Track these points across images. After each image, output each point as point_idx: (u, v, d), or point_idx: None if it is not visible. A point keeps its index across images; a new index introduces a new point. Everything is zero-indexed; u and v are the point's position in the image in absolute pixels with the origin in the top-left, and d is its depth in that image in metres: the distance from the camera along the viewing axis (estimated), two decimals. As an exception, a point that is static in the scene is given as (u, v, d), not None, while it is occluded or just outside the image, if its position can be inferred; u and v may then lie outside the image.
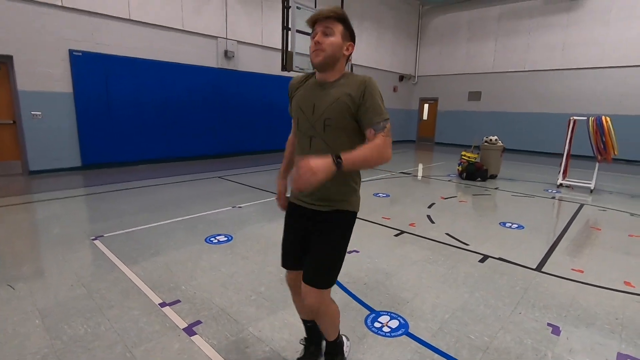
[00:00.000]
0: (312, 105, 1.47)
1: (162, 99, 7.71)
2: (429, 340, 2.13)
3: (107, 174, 6.62)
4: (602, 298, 2.72)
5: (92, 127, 6.78)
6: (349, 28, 1.45)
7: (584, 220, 4.85)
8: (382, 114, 1.38)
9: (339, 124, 1.42)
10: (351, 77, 1.46)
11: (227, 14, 8.73)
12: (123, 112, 7.15)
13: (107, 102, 6.90)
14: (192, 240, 3.54)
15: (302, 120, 1.50)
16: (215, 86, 8.66)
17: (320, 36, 1.41)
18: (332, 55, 1.41)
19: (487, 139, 7.60)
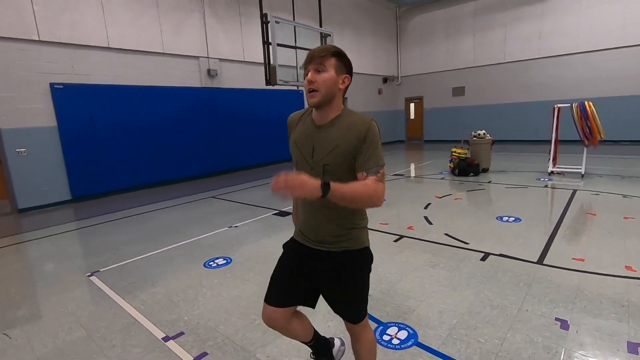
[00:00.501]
0: (312, 148, 1.41)
1: (148, 123, 7.66)
2: (439, 348, 2.11)
3: (98, 205, 6.52)
4: (606, 286, 2.72)
5: (79, 159, 6.70)
6: (343, 60, 1.38)
7: (578, 207, 4.90)
8: (378, 162, 1.33)
9: (339, 170, 1.37)
10: (351, 116, 1.39)
11: (206, 33, 8.74)
12: (109, 141, 7.08)
13: (92, 132, 6.83)
14: (190, 267, 3.49)
15: (302, 163, 1.45)
16: (201, 106, 8.64)
17: (312, 74, 1.35)
18: (327, 94, 1.35)
19: (476, 134, 7.66)
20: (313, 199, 1.15)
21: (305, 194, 1.13)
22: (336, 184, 1.18)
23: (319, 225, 1.46)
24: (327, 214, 1.43)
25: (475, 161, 7.37)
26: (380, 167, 1.32)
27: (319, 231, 1.46)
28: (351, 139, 1.33)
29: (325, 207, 1.41)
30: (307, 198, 1.35)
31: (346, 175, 1.36)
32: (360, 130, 1.33)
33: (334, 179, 1.29)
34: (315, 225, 1.47)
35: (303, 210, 1.53)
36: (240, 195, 6.75)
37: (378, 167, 1.32)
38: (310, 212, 1.48)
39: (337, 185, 1.17)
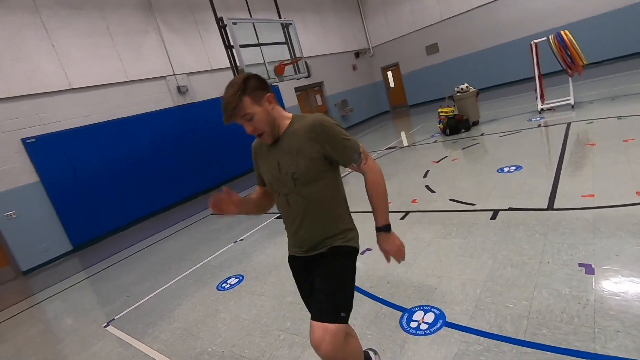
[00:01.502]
0: (277, 164, 1.42)
1: (130, 155, 7.49)
2: (469, 324, 2.05)
3: (100, 249, 6.43)
4: (622, 218, 2.66)
5: (71, 208, 6.56)
6: (253, 89, 1.31)
7: (576, 140, 4.81)
8: (352, 146, 1.39)
9: (307, 176, 1.37)
10: (301, 120, 1.40)
11: (167, 51, 8.48)
12: (95, 182, 6.93)
13: (76, 177, 6.67)
14: (204, 293, 3.42)
15: (274, 182, 1.46)
16: (179, 125, 8.44)
17: (246, 126, 1.35)
18: (272, 126, 1.37)
19: (459, 89, 7.52)
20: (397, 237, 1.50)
21: (398, 241, 1.49)
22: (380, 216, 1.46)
23: (309, 233, 1.46)
24: (313, 221, 1.43)
25: (463, 116, 7.25)
26: (359, 149, 1.39)
27: (309, 239, 1.46)
28: (310, 142, 1.35)
29: (309, 214, 1.42)
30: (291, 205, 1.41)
31: (316, 178, 1.38)
32: (314, 130, 1.34)
33: (304, 185, 1.37)
34: (305, 234, 1.47)
35: (289, 221, 1.50)
36: (239, 205, 6.65)
37: (357, 152, 1.39)
38: (295, 221, 1.47)
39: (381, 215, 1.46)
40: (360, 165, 1.40)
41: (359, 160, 1.39)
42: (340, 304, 1.36)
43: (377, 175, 1.42)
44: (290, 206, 1.43)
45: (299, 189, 1.38)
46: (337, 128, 1.37)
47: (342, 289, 1.40)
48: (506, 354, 1.78)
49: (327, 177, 1.41)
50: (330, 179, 1.43)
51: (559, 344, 1.76)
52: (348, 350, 1.39)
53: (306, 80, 10.87)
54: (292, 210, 1.43)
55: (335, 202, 1.46)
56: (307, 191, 1.38)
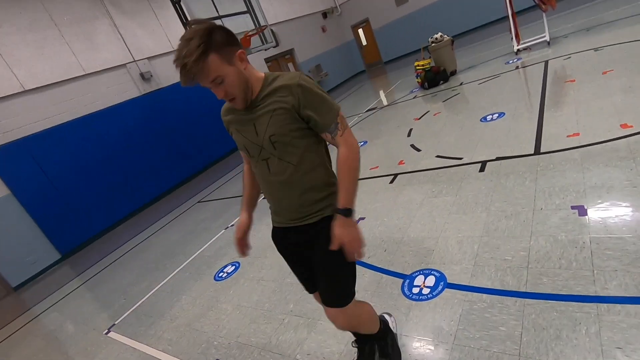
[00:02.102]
0: (253, 127, 1.26)
1: (103, 152, 7.14)
2: (470, 282, 2.04)
3: (90, 253, 6.28)
4: (609, 154, 2.64)
5: (51, 215, 6.32)
6: (220, 45, 1.09)
7: (555, 78, 4.74)
8: (331, 111, 1.22)
9: (287, 137, 1.23)
10: (276, 80, 1.22)
11: (122, 36, 7.90)
12: (72, 185, 6.64)
13: (50, 183, 6.38)
14: (202, 286, 3.36)
15: (250, 146, 1.30)
16: (149, 113, 8.05)
17: (215, 90, 1.15)
18: (244, 89, 1.19)
19: (433, 39, 7.27)
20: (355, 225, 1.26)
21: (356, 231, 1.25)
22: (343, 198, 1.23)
23: (290, 203, 1.34)
24: (293, 190, 1.31)
25: (441, 67, 7.07)
26: (337, 118, 1.23)
27: (292, 208, 1.35)
28: (287, 100, 1.18)
29: (288, 184, 1.30)
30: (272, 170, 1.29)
31: (297, 138, 1.24)
32: (291, 89, 1.18)
33: (285, 147, 1.24)
34: (287, 204, 1.36)
35: (269, 192, 1.40)
36: (225, 189, 6.52)
37: (335, 120, 1.23)
38: (276, 192, 1.36)
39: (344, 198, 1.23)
40: (335, 137, 1.24)
41: (334, 131, 1.23)
42: (347, 285, 1.37)
43: (352, 151, 1.24)
44: (270, 171, 1.29)
45: (280, 152, 1.24)
46: (315, 89, 1.20)
47: (346, 268, 1.35)
48: (510, 308, 1.78)
49: (309, 136, 1.27)
50: (313, 141, 1.28)
51: (560, 290, 1.76)
52: (361, 317, 1.50)
53: (275, 49, 10.39)
54: (273, 176, 1.30)
55: (321, 164, 1.32)
56: (288, 154, 1.24)
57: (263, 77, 1.25)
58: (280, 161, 1.26)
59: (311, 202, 1.32)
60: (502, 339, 1.65)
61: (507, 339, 1.64)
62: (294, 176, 1.27)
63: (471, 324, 1.79)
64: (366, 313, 1.55)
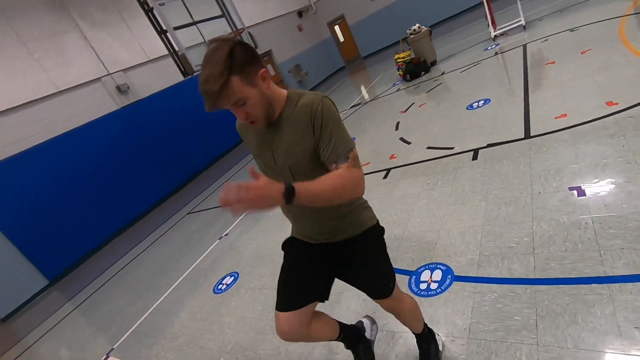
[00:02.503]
0: (271, 154, 1.20)
1: (84, 171, 6.90)
2: (478, 274, 2.02)
3: (80, 275, 6.07)
4: (599, 132, 2.66)
5: (35, 241, 6.07)
6: (242, 64, 1.01)
7: (535, 61, 4.79)
8: (345, 145, 1.09)
9: (308, 168, 1.15)
10: (299, 101, 1.13)
11: (94, 49, 7.66)
12: (54, 207, 6.39)
13: (30, 207, 6.12)
14: (201, 300, 3.27)
15: (268, 172, 1.23)
16: (129, 127, 7.82)
17: (237, 113, 1.08)
18: (266, 111, 1.12)
19: (411, 30, 7.28)
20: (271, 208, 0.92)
21: (266, 206, 0.89)
22: (302, 184, 0.96)
23: (311, 223, 1.30)
24: (318, 214, 1.25)
25: (421, 59, 7.09)
26: (349, 151, 1.09)
27: (313, 228, 1.31)
28: (307, 131, 1.10)
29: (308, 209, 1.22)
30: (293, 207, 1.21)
31: (316, 168, 1.15)
32: (310, 113, 1.09)
33: (305, 178, 1.07)
34: (307, 223, 1.31)
35: (291, 214, 1.35)
36: (214, 198, 6.38)
37: (346, 151, 1.08)
38: (299, 214, 1.31)
39: (303, 186, 0.95)
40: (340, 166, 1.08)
41: (341, 162, 1.08)
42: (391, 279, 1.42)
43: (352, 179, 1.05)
44: None
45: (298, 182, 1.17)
46: (336, 115, 1.11)
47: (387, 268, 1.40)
48: (521, 296, 1.76)
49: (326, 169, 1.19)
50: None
51: (569, 274, 1.75)
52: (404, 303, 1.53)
53: (253, 52, 10.24)
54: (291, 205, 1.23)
55: None
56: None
57: (285, 95, 1.17)
58: None
59: (332, 226, 1.29)
60: (517, 329, 1.63)
61: (523, 329, 1.62)
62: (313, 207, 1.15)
63: (484, 316, 1.76)
64: (410, 305, 1.56)
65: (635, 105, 2.73)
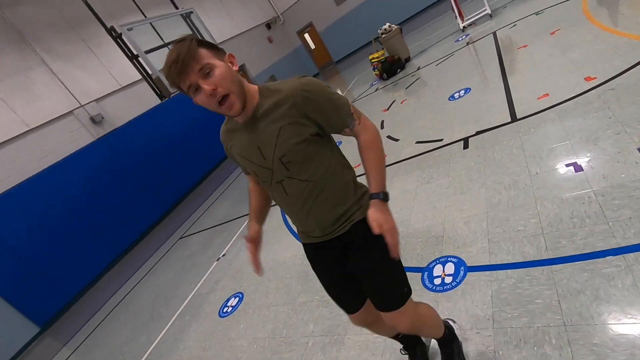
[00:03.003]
0: (258, 150, 1.13)
1: (65, 208, 6.62)
2: (490, 261, 1.99)
3: (74, 317, 5.79)
4: (584, 107, 2.70)
5: (20, 288, 5.76)
6: (210, 45, 1.05)
7: (507, 46, 4.90)
8: (342, 107, 1.14)
9: (299, 154, 1.11)
10: (275, 92, 1.10)
11: (62, 82, 7.43)
12: (36, 249, 6.08)
13: (11, 252, 5.82)
14: (208, 326, 3.14)
15: (259, 171, 1.18)
16: (108, 158, 7.58)
17: (204, 82, 1.00)
18: (238, 88, 1.05)
19: (382, 30, 7.36)
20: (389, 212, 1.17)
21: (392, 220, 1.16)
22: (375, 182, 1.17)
23: (318, 220, 1.21)
24: (318, 207, 1.19)
25: (395, 56, 7.16)
26: (349, 108, 1.16)
27: (323, 221, 1.22)
28: (294, 116, 1.07)
29: (314, 196, 1.17)
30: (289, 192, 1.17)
31: (309, 154, 1.12)
32: (296, 101, 1.07)
33: (299, 167, 1.12)
34: (315, 222, 1.22)
35: (292, 214, 1.26)
36: (205, 218, 6.23)
37: (348, 110, 1.16)
38: (300, 213, 1.22)
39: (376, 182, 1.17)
40: (354, 128, 1.18)
41: (352, 123, 1.17)
42: (398, 283, 1.27)
43: (374, 134, 1.20)
44: (288, 194, 1.17)
45: (294, 173, 1.13)
46: (321, 88, 1.10)
47: (392, 266, 1.24)
48: (539, 278, 1.74)
49: (323, 148, 1.16)
50: (327, 149, 1.17)
51: (582, 250, 1.75)
52: (424, 316, 1.41)
53: (227, 68, 10.16)
54: (292, 198, 1.18)
55: (340, 171, 1.21)
56: (304, 172, 1.13)
57: (257, 89, 1.13)
58: (297, 181, 1.14)
59: (342, 213, 1.20)
60: (541, 312, 1.60)
61: (547, 311, 1.59)
62: (315, 193, 1.16)
63: (505, 303, 1.73)
64: (427, 313, 1.46)
65: (614, 78, 2.80)
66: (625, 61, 2.88)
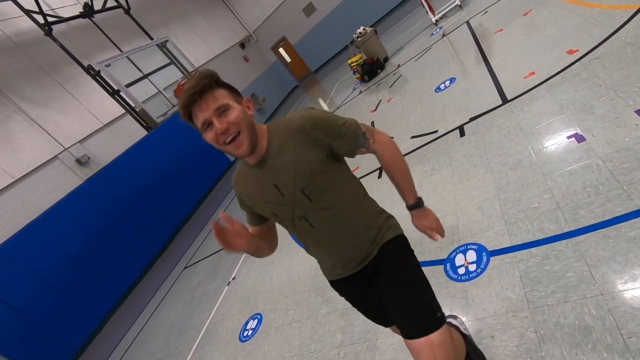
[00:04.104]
0: (275, 189, 1.12)
1: (60, 256, 6.40)
2: (512, 243, 1.98)
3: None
4: (573, 79, 2.74)
5: (22, 345, 5.54)
6: (228, 86, 1.09)
7: (482, 33, 4.99)
8: (354, 129, 1.15)
9: (320, 182, 1.11)
10: (282, 127, 1.12)
11: (43, 128, 7.29)
12: (35, 303, 5.83)
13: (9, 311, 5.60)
14: (231, 353, 3.04)
15: (279, 210, 1.15)
16: (99, 197, 7.41)
17: (218, 121, 1.00)
18: (250, 129, 1.06)
19: (356, 34, 7.45)
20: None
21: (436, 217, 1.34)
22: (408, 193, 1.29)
23: (348, 245, 1.19)
24: (346, 229, 1.17)
25: (374, 58, 7.25)
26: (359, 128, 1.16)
27: (352, 250, 1.19)
28: (306, 147, 1.08)
29: (339, 224, 1.16)
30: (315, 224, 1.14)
31: (329, 180, 1.12)
32: (303, 132, 1.08)
33: (321, 196, 1.11)
34: (344, 247, 1.19)
35: (318, 243, 1.22)
36: (208, 244, 6.12)
37: (360, 130, 1.16)
38: (327, 240, 1.19)
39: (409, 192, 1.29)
40: (369, 145, 1.19)
41: (366, 142, 1.18)
42: (431, 306, 1.17)
43: (392, 149, 1.24)
44: (314, 227, 1.15)
45: (316, 204, 1.11)
46: (327, 116, 1.13)
47: (422, 288, 1.19)
48: (565, 252, 1.73)
49: (340, 175, 1.17)
50: (343, 175, 1.19)
51: (602, 217, 1.74)
52: (457, 347, 1.31)
53: (207, 91, 10.13)
54: (317, 230, 1.16)
55: (359, 195, 1.22)
56: (326, 201, 1.12)
57: (265, 129, 1.14)
58: (321, 210, 1.13)
59: (368, 240, 1.19)
60: (575, 285, 1.58)
61: (581, 283, 1.57)
62: (342, 218, 1.15)
63: (536, 281, 1.71)
64: (458, 339, 1.38)
65: (596, 47, 2.85)
66: (604, 30, 2.95)
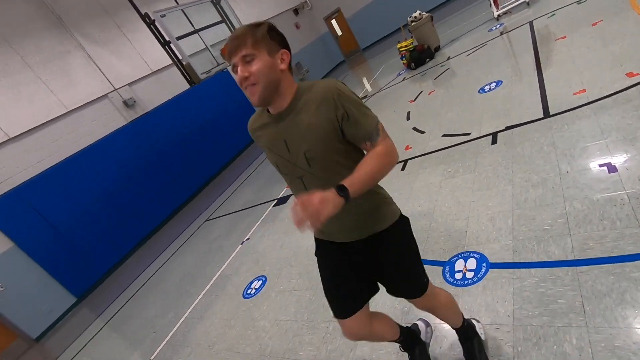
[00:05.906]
0: (284, 143, 1.18)
1: (98, 188, 6.97)
2: (514, 259, 2.00)
3: (106, 291, 6.17)
4: (623, 105, 2.60)
5: (59, 260, 6.18)
6: (272, 35, 1.13)
7: (544, 37, 4.70)
8: (370, 120, 1.14)
9: (324, 153, 1.15)
10: (311, 89, 1.15)
11: (98, 66, 7.72)
12: (74, 226, 6.49)
13: (51, 227, 6.22)
14: (232, 306, 3.29)
15: (282, 163, 1.23)
16: (139, 140, 7.89)
17: (241, 68, 1.09)
18: (268, 83, 1.10)
19: (411, 18, 7.20)
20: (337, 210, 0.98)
21: (331, 210, 0.96)
22: (350, 179, 1.03)
23: (342, 224, 1.26)
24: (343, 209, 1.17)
25: (424, 45, 7.01)
26: (377, 124, 1.15)
27: (344, 228, 1.28)
28: (323, 113, 1.11)
29: None
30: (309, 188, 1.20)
31: (333, 155, 1.16)
32: (327, 97, 1.10)
33: (321, 164, 1.16)
34: (338, 225, 1.27)
35: None
36: (230, 203, 6.42)
37: (376, 126, 1.14)
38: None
39: (351, 179, 1.03)
40: (376, 142, 1.14)
41: (375, 138, 1.13)
42: (422, 275, 1.40)
43: (391, 153, 1.14)
44: (307, 189, 1.20)
45: (315, 170, 1.16)
46: (354, 95, 1.14)
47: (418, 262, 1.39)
48: (563, 279, 1.74)
49: (347, 153, 1.18)
50: (351, 155, 1.19)
51: (611, 253, 1.72)
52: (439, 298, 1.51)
53: (253, 54, 10.23)
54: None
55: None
56: (325, 170, 1.16)
57: (296, 87, 1.18)
58: (316, 179, 1.18)
59: (362, 221, 1.27)
60: (564, 312, 1.61)
61: (569, 311, 1.60)
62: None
63: (527, 301, 1.74)
64: (445, 300, 1.54)
65: (658, 74, 2.66)
66: (672, 57, 2.73)
